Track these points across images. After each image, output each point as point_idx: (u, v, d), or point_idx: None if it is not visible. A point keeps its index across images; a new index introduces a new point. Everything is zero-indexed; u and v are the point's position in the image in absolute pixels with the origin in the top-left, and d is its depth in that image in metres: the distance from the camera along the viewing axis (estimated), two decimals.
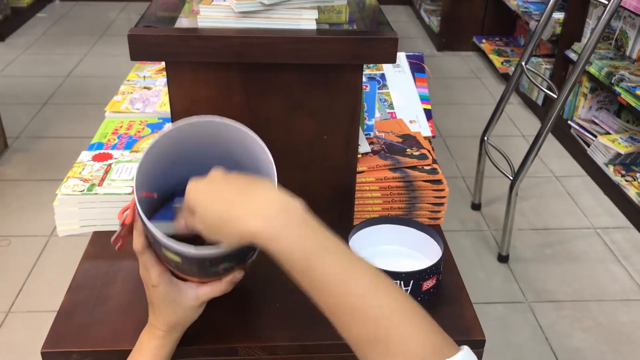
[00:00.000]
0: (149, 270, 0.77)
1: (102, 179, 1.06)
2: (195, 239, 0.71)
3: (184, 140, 0.78)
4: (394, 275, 0.87)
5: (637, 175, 2.63)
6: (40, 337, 0.85)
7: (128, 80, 1.47)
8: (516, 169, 2.19)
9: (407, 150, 1.12)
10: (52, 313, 0.89)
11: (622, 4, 2.36)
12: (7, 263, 2.21)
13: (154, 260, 0.77)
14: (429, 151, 1.13)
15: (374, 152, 1.10)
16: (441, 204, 1.08)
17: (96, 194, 1.02)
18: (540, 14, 3.32)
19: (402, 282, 0.88)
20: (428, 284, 0.90)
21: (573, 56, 2.98)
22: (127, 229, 0.77)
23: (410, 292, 0.87)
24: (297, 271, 0.60)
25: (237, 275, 0.78)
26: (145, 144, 1.20)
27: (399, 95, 1.37)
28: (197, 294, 0.78)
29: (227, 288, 0.78)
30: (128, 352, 0.83)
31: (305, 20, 0.86)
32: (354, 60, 0.87)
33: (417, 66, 1.47)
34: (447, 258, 1.03)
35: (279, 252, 0.59)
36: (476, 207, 2.60)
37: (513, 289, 2.17)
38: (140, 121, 1.29)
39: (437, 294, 0.92)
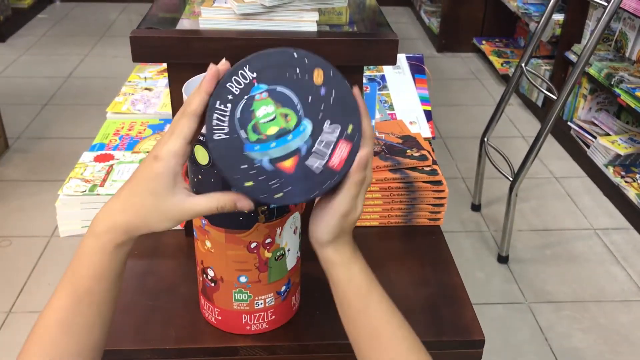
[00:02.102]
0: (171, 136, 0.59)
1: (104, 180, 1.07)
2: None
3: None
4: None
5: (637, 176, 2.63)
6: None
7: (129, 82, 1.48)
8: (516, 170, 2.20)
9: (407, 151, 1.13)
10: None
11: (621, 5, 2.37)
12: (8, 263, 2.21)
13: (189, 132, 0.59)
14: (429, 152, 1.14)
15: (374, 153, 1.11)
16: (441, 205, 1.09)
17: (98, 194, 1.03)
18: (540, 16, 3.33)
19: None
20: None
21: (573, 57, 2.99)
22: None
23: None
24: (338, 278, 0.68)
25: (244, 201, 0.62)
26: (147, 145, 1.20)
27: (399, 97, 1.37)
28: (186, 204, 0.61)
29: (225, 208, 0.62)
30: (129, 351, 0.84)
31: (306, 22, 0.87)
32: (355, 62, 0.88)
33: (417, 67, 1.47)
34: (447, 258, 1.03)
35: (332, 261, 0.68)
36: (476, 208, 2.60)
37: (513, 289, 2.17)
38: (142, 122, 1.30)
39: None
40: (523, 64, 2.31)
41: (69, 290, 0.61)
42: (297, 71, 0.60)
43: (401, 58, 1.48)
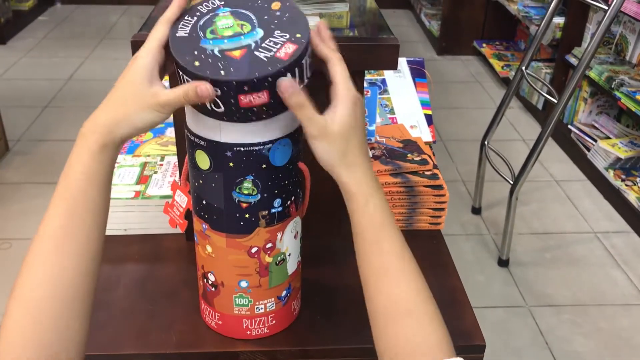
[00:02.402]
0: (148, 40, 0.67)
1: None
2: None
3: None
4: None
5: (637, 179, 2.63)
6: None
7: None
8: (516, 173, 2.20)
9: (408, 155, 1.13)
10: None
11: (622, 9, 2.37)
12: (8, 266, 2.21)
13: (163, 35, 0.67)
14: (429, 156, 1.14)
15: (375, 157, 1.11)
16: (442, 209, 1.09)
17: None
18: (540, 19, 3.33)
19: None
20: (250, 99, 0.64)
21: (573, 61, 2.99)
22: None
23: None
24: (353, 208, 0.68)
25: (203, 86, 0.63)
26: (147, 149, 1.20)
27: (400, 101, 1.37)
28: (159, 91, 0.65)
29: (189, 95, 0.64)
30: (130, 356, 0.84)
31: None
32: (356, 67, 0.88)
33: (417, 71, 1.47)
34: (447, 262, 1.03)
35: (349, 190, 0.68)
36: (476, 211, 2.60)
37: (513, 293, 2.17)
38: None
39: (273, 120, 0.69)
40: (523, 67, 2.31)
41: (65, 194, 0.64)
42: (259, 1, 0.70)
43: (402, 62, 1.48)
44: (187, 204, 0.91)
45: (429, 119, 1.34)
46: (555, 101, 2.06)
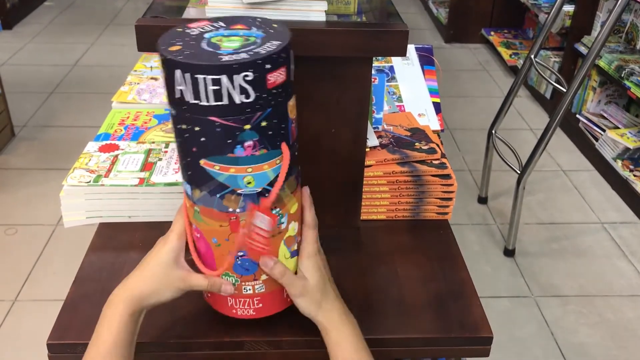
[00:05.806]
0: (172, 229, 0.79)
1: (109, 170, 1.06)
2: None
3: None
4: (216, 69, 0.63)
5: None
6: (46, 326, 0.85)
7: (135, 71, 1.47)
8: (524, 163, 2.18)
9: (416, 144, 1.11)
10: (57, 302, 0.88)
11: None
12: (14, 251, 2.21)
13: (182, 223, 0.79)
14: (437, 145, 1.12)
15: (382, 145, 1.09)
16: (449, 199, 1.07)
17: (102, 185, 1.02)
18: (549, 7, 3.29)
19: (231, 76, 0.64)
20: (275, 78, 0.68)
21: (583, 49, 2.96)
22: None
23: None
24: (328, 342, 0.78)
25: (227, 286, 0.78)
26: (152, 135, 1.19)
27: (408, 88, 1.35)
28: (187, 276, 0.77)
29: (214, 287, 0.77)
30: None
31: (315, 12, 0.85)
32: (364, 53, 0.86)
33: (426, 59, 1.45)
34: (455, 253, 1.02)
35: (325, 328, 0.79)
36: (483, 200, 2.58)
37: (519, 283, 2.16)
38: (147, 112, 1.29)
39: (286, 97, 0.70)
40: (532, 56, 2.28)
41: (94, 353, 0.73)
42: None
43: (410, 49, 1.46)
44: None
45: (437, 107, 1.32)
46: (564, 90, 2.03)
